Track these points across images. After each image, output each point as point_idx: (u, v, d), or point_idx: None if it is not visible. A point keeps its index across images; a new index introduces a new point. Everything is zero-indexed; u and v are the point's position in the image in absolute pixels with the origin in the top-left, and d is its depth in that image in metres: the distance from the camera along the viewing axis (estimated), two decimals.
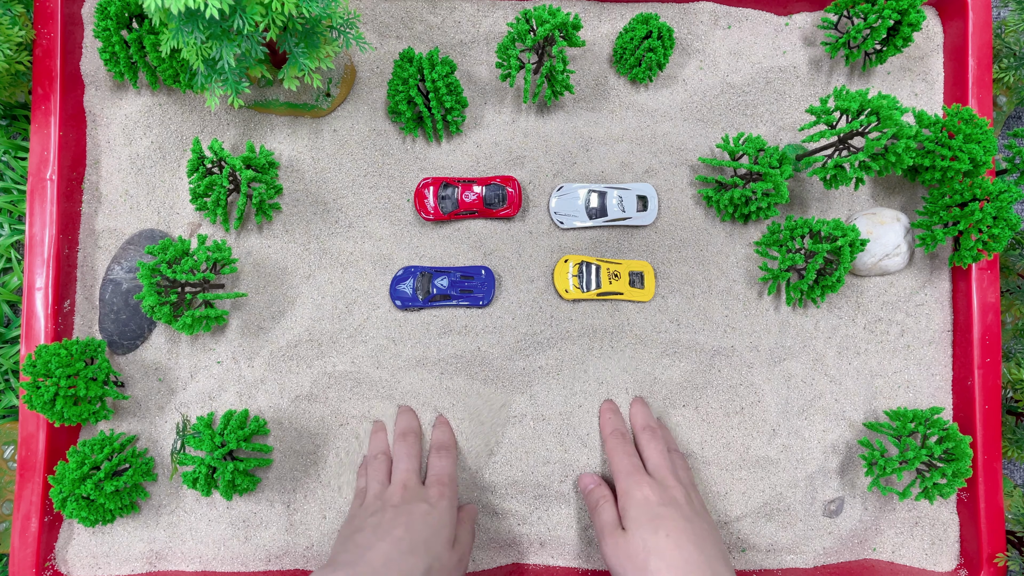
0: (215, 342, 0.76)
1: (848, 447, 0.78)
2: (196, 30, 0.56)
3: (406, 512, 0.66)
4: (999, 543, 0.75)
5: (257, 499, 0.75)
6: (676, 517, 0.65)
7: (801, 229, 0.72)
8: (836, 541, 0.77)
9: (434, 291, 0.75)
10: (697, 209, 0.80)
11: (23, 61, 0.74)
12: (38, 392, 0.65)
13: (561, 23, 0.68)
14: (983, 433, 0.76)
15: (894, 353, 0.80)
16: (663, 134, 0.80)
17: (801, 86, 0.81)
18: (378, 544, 0.63)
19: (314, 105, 0.77)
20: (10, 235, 0.81)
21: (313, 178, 0.78)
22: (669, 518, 0.65)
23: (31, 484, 0.71)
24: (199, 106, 0.78)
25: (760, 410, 0.78)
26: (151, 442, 0.75)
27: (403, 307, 0.76)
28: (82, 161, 0.77)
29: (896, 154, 0.67)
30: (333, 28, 0.65)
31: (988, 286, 0.77)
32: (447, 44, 0.80)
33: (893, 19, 0.72)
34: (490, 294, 0.76)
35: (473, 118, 0.79)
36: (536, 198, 0.79)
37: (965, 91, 0.79)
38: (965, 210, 0.72)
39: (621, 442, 0.73)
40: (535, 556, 0.76)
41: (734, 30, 0.82)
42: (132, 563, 0.74)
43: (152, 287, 0.66)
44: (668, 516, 0.65)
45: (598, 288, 0.76)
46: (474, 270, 0.76)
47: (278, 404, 0.76)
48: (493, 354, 0.77)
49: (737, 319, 0.79)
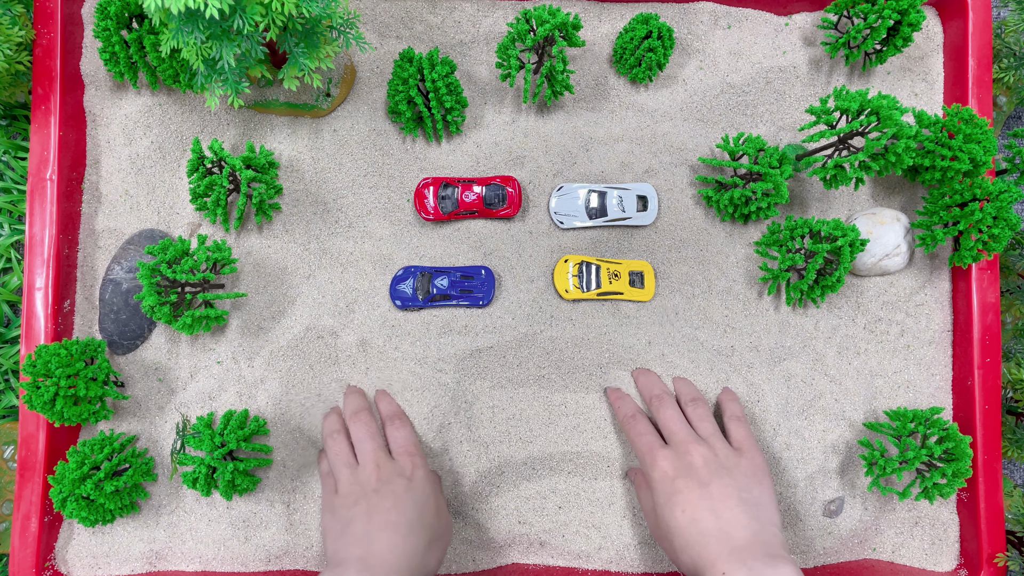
0: (215, 342, 0.76)
1: (848, 447, 0.78)
2: (196, 30, 0.56)
3: (390, 494, 0.65)
4: (999, 543, 0.75)
5: (257, 499, 0.75)
6: (691, 487, 0.64)
7: (801, 229, 0.72)
8: (836, 541, 0.77)
9: (434, 291, 0.75)
10: (697, 209, 0.80)
11: (23, 61, 0.74)
12: (38, 392, 0.65)
13: (561, 23, 0.68)
14: (983, 433, 0.76)
15: (894, 353, 0.80)
16: (663, 134, 0.80)
17: (801, 86, 0.81)
18: (378, 534, 0.63)
19: (314, 105, 0.77)
20: (10, 235, 0.81)
21: (313, 178, 0.78)
22: (684, 490, 0.64)
23: (31, 484, 0.71)
24: (199, 106, 0.78)
25: (760, 410, 0.78)
26: (151, 442, 0.75)
27: (403, 307, 0.76)
28: (82, 161, 0.77)
29: (896, 154, 0.67)
30: (333, 28, 0.65)
31: (988, 286, 0.77)
32: (447, 44, 0.80)
33: (893, 19, 0.72)
34: (490, 294, 0.76)
35: (473, 118, 0.79)
36: (536, 198, 0.79)
37: (965, 91, 0.79)
38: (965, 210, 0.72)
39: (634, 424, 0.72)
40: (535, 556, 0.76)
41: (734, 30, 0.82)
42: (132, 563, 0.74)
43: (152, 287, 0.66)
44: (683, 488, 0.64)
45: (598, 288, 0.76)
46: (474, 270, 0.76)
47: (278, 404, 0.76)
48: (493, 354, 0.77)
49: (737, 319, 0.79)
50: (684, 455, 0.67)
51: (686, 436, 0.68)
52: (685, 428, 0.69)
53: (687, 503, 0.64)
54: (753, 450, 0.69)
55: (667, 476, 0.66)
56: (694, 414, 0.71)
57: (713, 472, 0.65)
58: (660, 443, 0.69)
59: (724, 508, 0.63)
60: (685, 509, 0.63)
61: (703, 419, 0.71)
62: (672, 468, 0.66)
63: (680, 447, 0.68)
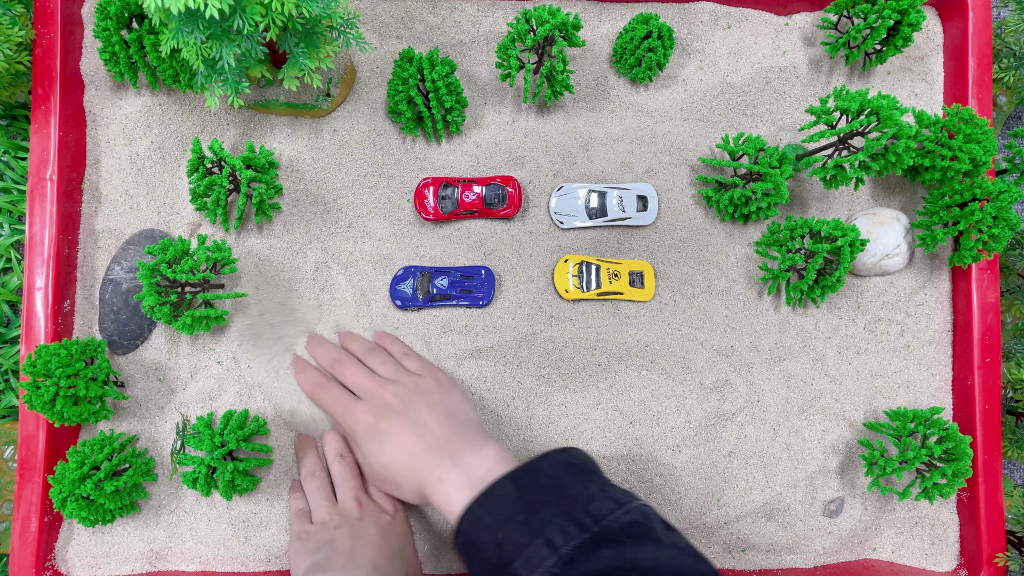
0: (215, 342, 0.76)
1: (848, 447, 0.78)
2: (196, 30, 0.56)
3: (374, 523, 0.67)
4: (999, 543, 0.75)
5: (257, 499, 0.75)
6: (394, 422, 0.66)
7: (801, 229, 0.72)
8: (836, 541, 0.77)
9: (434, 291, 0.75)
10: (697, 209, 0.80)
11: (23, 61, 0.74)
12: (38, 392, 0.65)
13: (561, 23, 0.68)
14: (983, 433, 0.76)
15: (894, 353, 0.80)
16: (663, 134, 0.80)
17: (801, 86, 0.81)
18: (363, 550, 0.64)
19: (314, 105, 0.77)
20: (10, 235, 0.81)
21: (313, 178, 0.78)
22: (389, 429, 0.66)
23: (31, 484, 0.71)
24: (199, 106, 0.78)
25: (760, 410, 0.78)
26: (151, 442, 0.75)
27: (403, 307, 0.76)
28: (82, 161, 0.77)
29: (896, 154, 0.67)
30: (333, 28, 0.65)
31: (988, 286, 0.77)
32: (447, 44, 0.80)
33: (893, 19, 0.72)
34: (490, 294, 0.76)
35: (473, 118, 0.79)
36: (536, 198, 0.79)
37: (965, 91, 0.79)
38: (965, 210, 0.72)
39: (323, 391, 0.72)
40: None
41: (734, 30, 0.82)
42: (132, 563, 0.74)
43: (152, 287, 0.66)
44: (388, 428, 0.66)
45: (598, 288, 0.76)
46: (474, 270, 0.76)
47: (278, 404, 0.76)
48: (493, 354, 0.77)
49: (737, 319, 0.79)
50: (379, 399, 0.68)
51: (373, 384, 0.69)
52: (370, 377, 0.70)
53: (394, 437, 0.66)
54: (433, 370, 0.72)
55: (369, 424, 0.67)
56: (374, 361, 0.72)
57: (408, 402, 0.67)
58: (354, 398, 0.70)
59: (426, 426, 0.65)
60: (393, 442, 0.65)
61: (384, 363, 0.72)
62: (372, 416, 0.67)
63: (373, 396, 0.69)
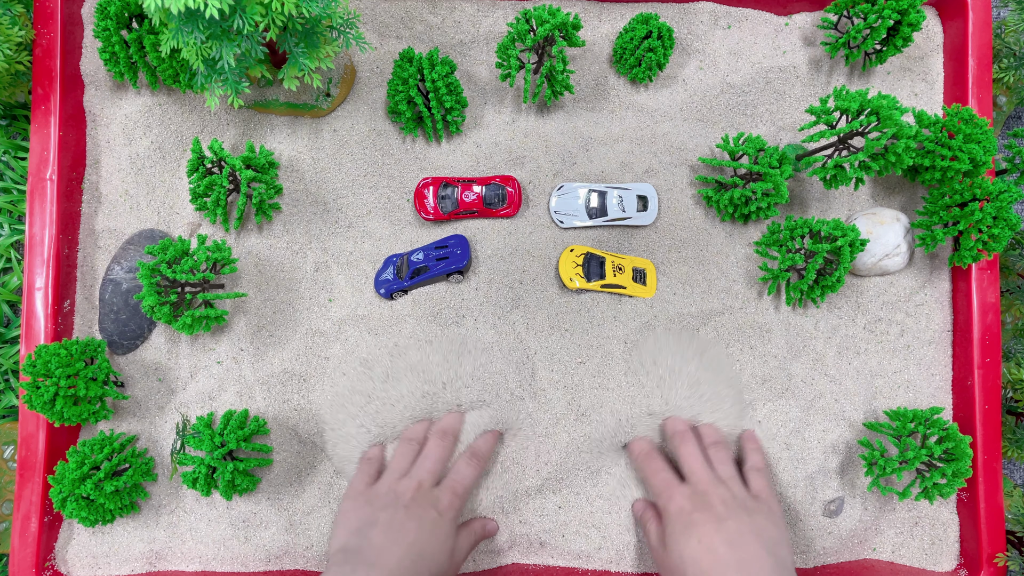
0: (215, 342, 0.76)
1: (848, 447, 0.78)
2: (196, 30, 0.56)
3: (417, 517, 0.66)
4: (999, 543, 0.75)
5: (257, 499, 0.75)
6: (709, 520, 0.64)
7: (801, 229, 0.72)
8: (836, 541, 0.77)
9: (410, 268, 0.75)
10: (697, 209, 0.80)
11: (23, 61, 0.74)
12: (38, 392, 0.65)
13: (561, 23, 0.68)
14: (983, 433, 0.76)
15: (894, 353, 0.80)
16: (663, 134, 0.80)
17: (801, 86, 0.81)
18: (392, 548, 0.63)
19: (314, 105, 0.77)
20: (10, 235, 0.81)
21: (313, 178, 0.78)
22: (701, 523, 0.63)
23: (31, 484, 0.71)
24: (199, 106, 0.78)
25: (760, 410, 0.78)
26: (151, 442, 0.75)
27: (388, 294, 0.76)
28: (82, 161, 0.77)
29: (896, 154, 0.67)
30: (333, 28, 0.65)
31: (988, 286, 0.77)
32: (447, 44, 0.80)
33: (893, 19, 0.72)
34: (466, 256, 0.75)
35: (473, 118, 0.79)
36: (536, 198, 0.79)
37: (965, 91, 0.79)
38: (965, 210, 0.72)
39: (648, 461, 0.72)
40: (535, 556, 0.76)
41: (734, 30, 0.82)
42: (132, 563, 0.74)
43: (152, 287, 0.66)
44: (700, 522, 0.64)
45: (602, 279, 0.76)
46: (446, 240, 0.76)
47: (278, 404, 0.76)
48: (493, 353, 0.77)
49: (737, 319, 0.79)
50: (703, 494, 0.66)
51: (705, 475, 0.68)
52: (705, 468, 0.68)
53: (704, 534, 0.63)
54: (772, 499, 0.69)
55: (684, 510, 0.65)
56: (715, 456, 0.71)
57: (731, 510, 0.65)
58: (678, 480, 0.69)
59: (741, 542, 0.62)
60: (701, 539, 0.63)
61: (724, 462, 0.70)
62: (690, 503, 0.65)
63: (699, 485, 0.67)
